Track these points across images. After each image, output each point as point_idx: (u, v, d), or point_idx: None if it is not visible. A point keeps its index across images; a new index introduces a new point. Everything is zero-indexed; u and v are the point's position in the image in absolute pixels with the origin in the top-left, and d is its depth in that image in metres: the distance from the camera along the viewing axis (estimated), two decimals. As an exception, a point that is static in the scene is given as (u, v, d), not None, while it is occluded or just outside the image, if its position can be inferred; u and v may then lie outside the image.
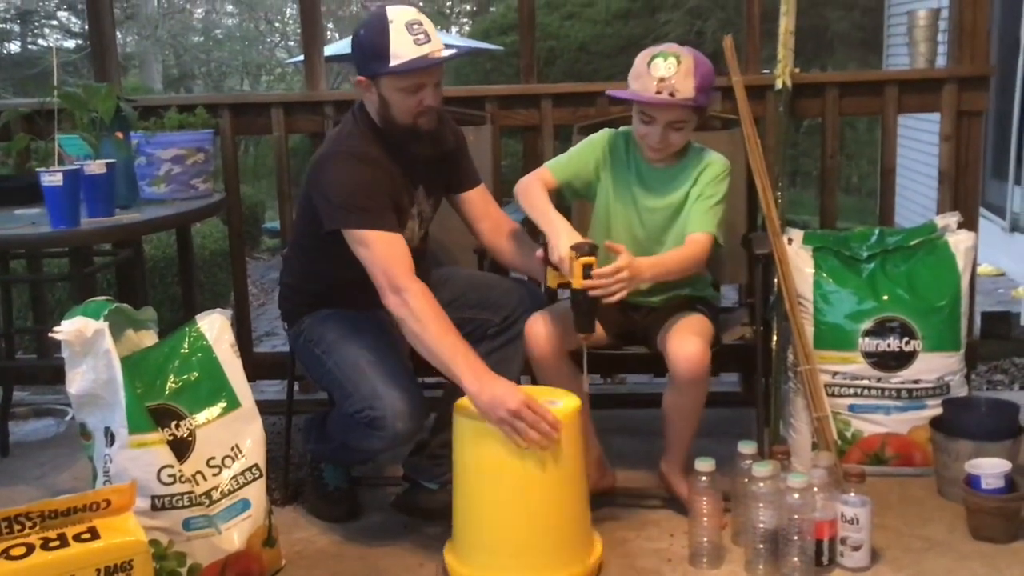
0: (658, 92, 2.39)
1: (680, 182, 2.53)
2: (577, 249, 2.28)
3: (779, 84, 3.08)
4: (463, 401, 2.25)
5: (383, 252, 2.31)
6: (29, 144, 2.82)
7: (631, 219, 2.58)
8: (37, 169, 2.53)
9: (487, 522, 2.26)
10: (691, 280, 2.60)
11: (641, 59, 2.45)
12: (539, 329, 2.48)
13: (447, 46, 2.37)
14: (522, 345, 2.52)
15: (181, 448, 2.17)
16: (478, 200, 2.64)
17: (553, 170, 2.60)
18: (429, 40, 2.30)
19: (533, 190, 2.51)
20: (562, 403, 2.28)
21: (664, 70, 2.39)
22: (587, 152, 2.62)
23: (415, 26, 2.30)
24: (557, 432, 2.16)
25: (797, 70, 3.11)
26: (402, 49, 2.29)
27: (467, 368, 2.21)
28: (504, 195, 3.21)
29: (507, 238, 2.62)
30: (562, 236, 2.33)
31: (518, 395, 2.17)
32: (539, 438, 2.15)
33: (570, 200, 2.74)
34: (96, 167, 2.59)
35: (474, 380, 2.19)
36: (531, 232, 2.61)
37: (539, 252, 2.41)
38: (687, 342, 2.40)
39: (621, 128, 2.62)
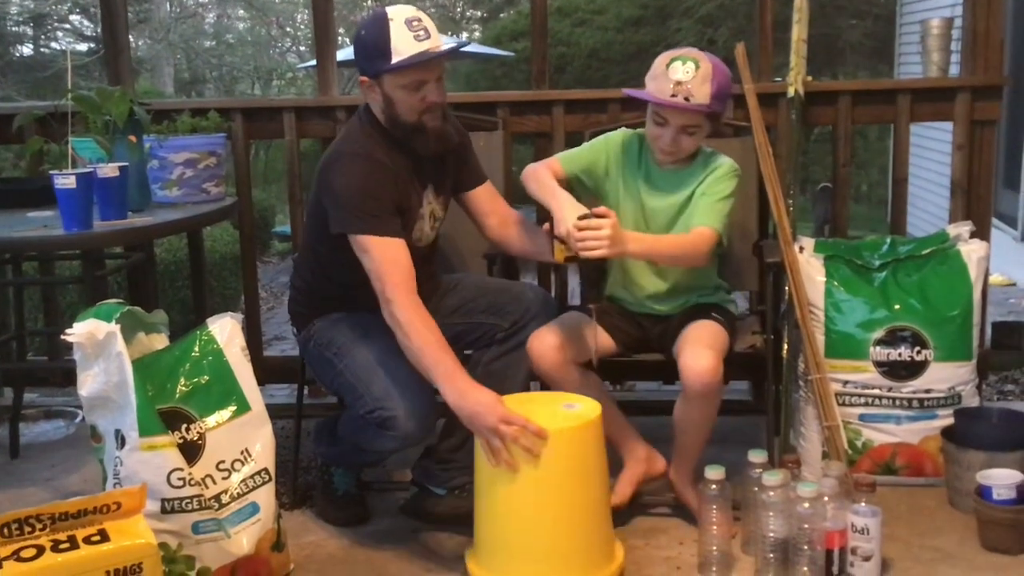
0: (674, 95, 2.39)
1: (687, 184, 2.53)
2: (583, 219, 2.28)
3: (791, 92, 3.07)
4: None
5: (379, 260, 2.34)
6: (42, 147, 2.83)
7: (637, 219, 2.58)
8: (50, 172, 2.54)
9: (508, 528, 2.26)
10: (697, 286, 2.60)
11: (660, 60, 2.45)
12: (543, 345, 2.48)
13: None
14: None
15: (191, 451, 2.17)
16: (486, 196, 2.65)
17: (563, 162, 2.60)
18: (429, 36, 2.32)
19: (539, 171, 2.53)
20: (579, 406, 2.29)
21: (682, 74, 2.39)
22: (600, 148, 2.62)
23: (414, 23, 2.32)
24: (542, 442, 2.16)
25: (809, 78, 3.11)
26: (403, 45, 2.30)
27: (447, 379, 2.25)
28: (515, 202, 3.21)
29: (514, 227, 2.64)
30: (567, 209, 2.34)
31: (496, 410, 2.19)
32: (509, 460, 2.17)
33: (579, 195, 2.74)
34: (109, 170, 2.60)
35: (452, 390, 2.23)
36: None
37: (546, 226, 2.43)
38: (700, 356, 2.38)
39: (638, 129, 2.62)
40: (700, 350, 2.40)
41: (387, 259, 2.34)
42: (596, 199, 2.67)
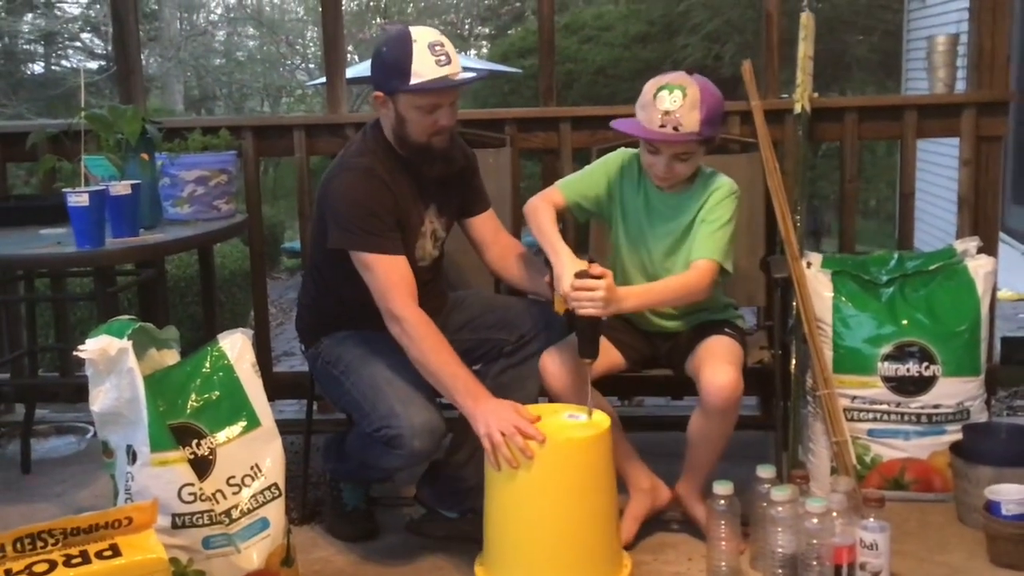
0: (662, 125, 2.36)
1: (687, 208, 2.51)
2: (580, 277, 2.29)
3: (798, 108, 3.08)
4: None
5: (383, 277, 2.36)
6: (55, 165, 2.86)
7: (638, 245, 2.58)
8: (63, 189, 2.56)
9: (518, 537, 2.27)
10: (705, 306, 2.60)
11: (648, 89, 2.41)
12: (554, 364, 2.48)
13: (466, 69, 2.40)
14: (537, 364, 2.52)
15: (202, 467, 2.18)
16: (487, 224, 2.66)
17: (563, 189, 2.60)
18: (450, 62, 2.34)
19: (541, 214, 2.52)
20: (584, 417, 2.31)
21: (669, 103, 2.35)
22: (599, 172, 2.61)
23: (437, 47, 2.34)
24: (540, 445, 2.19)
25: (816, 95, 3.12)
26: (423, 68, 2.32)
27: (463, 388, 2.29)
28: (522, 218, 3.22)
29: (515, 261, 2.64)
30: (566, 266, 2.34)
31: (510, 418, 2.22)
32: (512, 461, 2.19)
33: (582, 219, 2.75)
34: (121, 188, 2.62)
35: (467, 396, 2.28)
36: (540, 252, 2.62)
37: (546, 278, 2.44)
38: (720, 371, 2.38)
39: (637, 148, 2.61)
40: (720, 365, 2.40)
41: (391, 276, 2.36)
42: (602, 223, 2.68)
